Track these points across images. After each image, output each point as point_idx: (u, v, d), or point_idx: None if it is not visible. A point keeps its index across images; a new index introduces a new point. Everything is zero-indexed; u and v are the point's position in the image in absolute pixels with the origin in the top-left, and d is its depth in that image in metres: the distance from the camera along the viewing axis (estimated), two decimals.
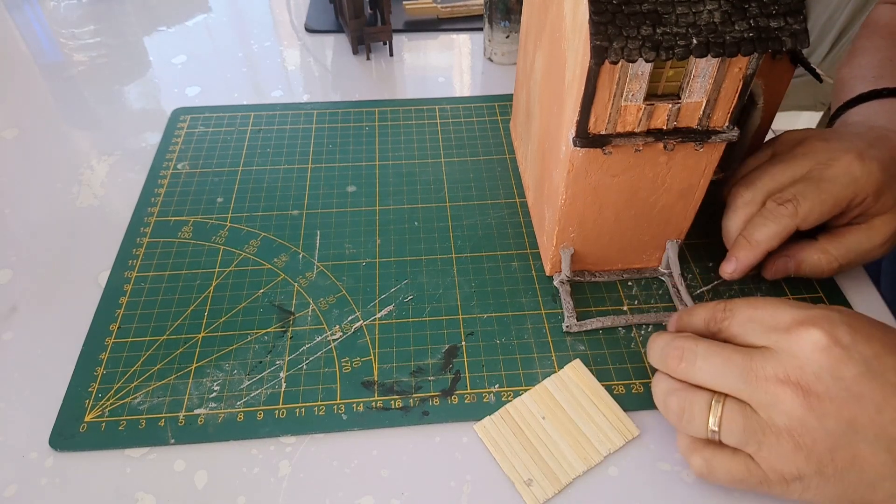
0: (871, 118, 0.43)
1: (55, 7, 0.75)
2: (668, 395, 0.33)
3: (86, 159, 0.55)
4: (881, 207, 0.38)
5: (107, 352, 0.40)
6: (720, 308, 0.34)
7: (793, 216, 0.37)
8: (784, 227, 0.37)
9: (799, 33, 0.30)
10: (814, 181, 0.37)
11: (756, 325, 0.32)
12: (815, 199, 0.37)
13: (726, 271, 0.40)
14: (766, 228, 0.38)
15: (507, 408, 0.38)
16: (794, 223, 0.37)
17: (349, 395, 0.38)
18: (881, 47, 0.50)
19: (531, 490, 0.34)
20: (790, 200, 0.37)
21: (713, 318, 0.34)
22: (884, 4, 0.55)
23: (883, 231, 0.39)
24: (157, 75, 0.65)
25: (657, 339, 0.35)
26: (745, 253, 0.39)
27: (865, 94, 0.45)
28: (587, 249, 0.42)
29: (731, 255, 0.40)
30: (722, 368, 0.31)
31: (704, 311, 0.35)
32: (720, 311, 0.34)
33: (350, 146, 0.56)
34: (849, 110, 0.46)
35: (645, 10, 0.30)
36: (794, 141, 0.41)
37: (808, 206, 0.37)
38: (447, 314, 0.43)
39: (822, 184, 0.37)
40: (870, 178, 0.37)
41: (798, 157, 0.39)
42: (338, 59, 0.68)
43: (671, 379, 0.33)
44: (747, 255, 0.39)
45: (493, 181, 0.52)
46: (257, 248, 0.47)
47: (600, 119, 0.34)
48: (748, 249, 0.39)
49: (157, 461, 0.36)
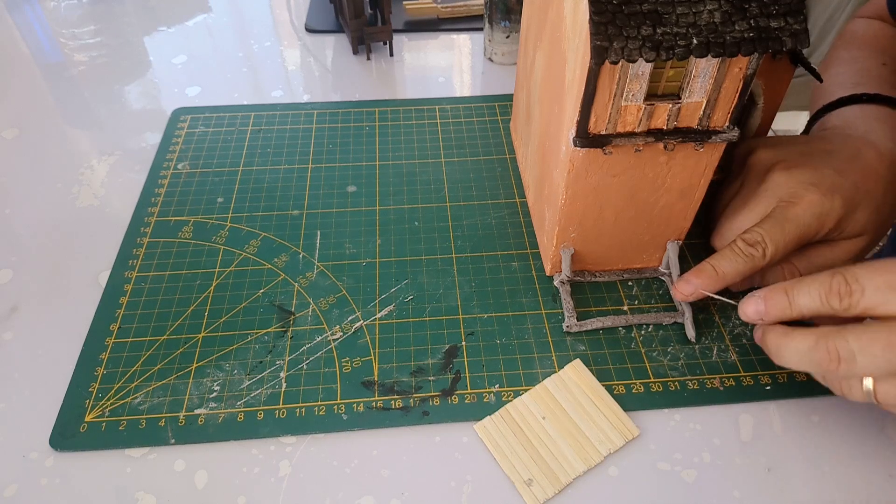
0: (851, 123, 0.43)
1: (55, 7, 0.75)
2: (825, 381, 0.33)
3: (86, 159, 0.55)
4: (847, 234, 0.40)
5: (107, 352, 0.40)
6: (838, 281, 0.31)
7: (761, 258, 0.38)
8: (751, 267, 0.38)
9: (799, 33, 0.30)
10: (779, 221, 0.38)
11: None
12: (780, 241, 0.38)
13: (683, 292, 0.40)
14: (734, 264, 0.38)
15: (507, 408, 0.38)
16: (762, 264, 0.38)
17: (349, 395, 0.38)
18: (858, 58, 0.50)
19: (531, 490, 0.34)
20: (759, 243, 0.38)
21: (832, 293, 0.31)
22: (859, 18, 0.57)
23: (847, 250, 0.40)
24: (157, 75, 0.65)
25: (793, 343, 0.33)
26: (709, 282, 0.39)
27: (846, 98, 0.46)
28: (587, 249, 0.42)
29: (692, 279, 0.39)
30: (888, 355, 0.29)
31: (815, 287, 0.32)
32: (840, 284, 0.31)
33: (350, 146, 0.56)
34: (828, 114, 0.46)
35: (645, 10, 0.30)
36: (760, 171, 0.41)
37: (774, 248, 0.38)
38: (447, 314, 0.43)
39: (787, 224, 0.38)
40: (832, 213, 0.38)
41: (761, 195, 0.40)
42: (338, 59, 0.68)
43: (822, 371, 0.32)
44: (710, 283, 0.39)
45: (493, 181, 0.52)
46: (257, 248, 0.47)
47: (600, 119, 0.34)
48: (713, 279, 0.39)
49: (158, 461, 0.36)
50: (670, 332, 0.41)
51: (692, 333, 0.40)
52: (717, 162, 0.37)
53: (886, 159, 0.40)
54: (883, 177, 0.40)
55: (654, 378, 0.39)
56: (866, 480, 0.35)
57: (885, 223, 0.41)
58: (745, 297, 0.36)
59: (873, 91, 0.45)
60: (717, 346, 0.41)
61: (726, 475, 0.35)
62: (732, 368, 0.39)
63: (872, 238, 0.40)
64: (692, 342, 0.41)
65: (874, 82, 0.47)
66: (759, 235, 0.38)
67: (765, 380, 0.39)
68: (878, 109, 0.44)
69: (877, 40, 0.52)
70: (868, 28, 0.54)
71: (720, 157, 0.37)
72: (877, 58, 0.50)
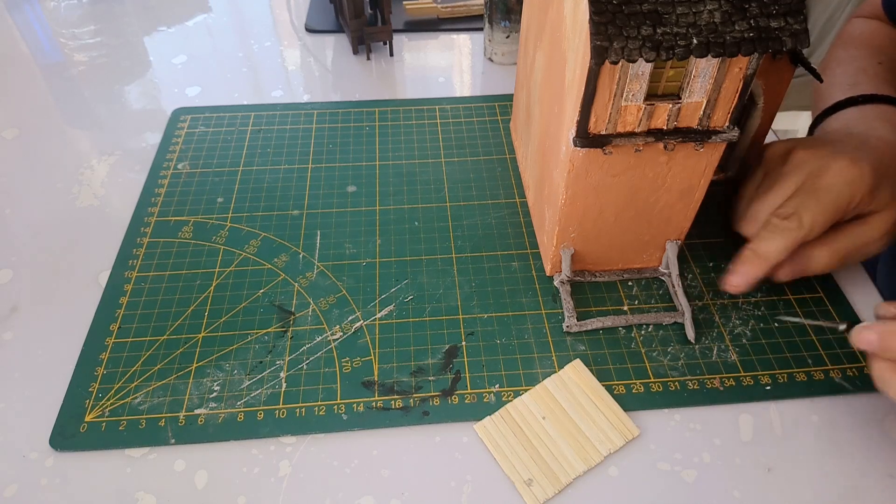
0: (850, 125, 0.44)
1: (55, 7, 0.75)
2: None
3: (86, 159, 0.55)
4: (877, 205, 0.39)
5: (107, 352, 0.40)
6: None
7: (799, 228, 0.37)
8: (792, 239, 0.38)
9: (799, 33, 0.30)
10: (811, 192, 0.38)
11: None
12: (816, 210, 0.37)
13: (732, 284, 0.40)
14: (773, 242, 0.38)
15: (507, 408, 0.38)
16: (801, 234, 0.37)
17: (349, 395, 0.38)
18: (856, 57, 0.51)
19: (531, 490, 0.34)
20: (794, 214, 0.37)
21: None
22: (857, 18, 0.57)
23: (880, 226, 0.40)
24: (157, 75, 0.65)
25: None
26: (753, 267, 0.39)
27: (843, 101, 0.46)
28: (587, 249, 0.42)
29: (737, 269, 0.39)
30: None
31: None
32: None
33: (350, 146, 0.56)
34: (827, 118, 0.46)
35: (645, 10, 0.30)
36: (779, 156, 0.41)
37: (811, 217, 0.37)
38: (447, 314, 0.43)
39: (820, 193, 0.37)
40: (864, 179, 0.37)
41: (787, 174, 0.40)
42: (338, 59, 0.68)
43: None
44: (755, 269, 0.39)
45: (493, 181, 0.52)
46: (257, 248, 0.47)
47: (600, 119, 0.34)
48: (756, 264, 0.38)
49: (158, 461, 0.36)
50: (670, 332, 0.41)
51: (692, 334, 0.40)
52: (717, 162, 0.37)
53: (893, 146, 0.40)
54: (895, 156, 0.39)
55: (654, 378, 0.39)
56: (866, 480, 0.35)
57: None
58: (858, 327, 0.34)
59: (870, 90, 0.46)
60: (717, 346, 0.41)
61: (726, 475, 0.35)
62: (732, 368, 0.39)
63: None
64: (692, 342, 0.41)
65: (871, 81, 0.47)
66: (791, 208, 0.37)
67: (765, 380, 0.39)
68: (876, 108, 0.44)
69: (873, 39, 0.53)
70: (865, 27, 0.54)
71: (720, 157, 0.37)
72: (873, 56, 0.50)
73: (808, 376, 0.39)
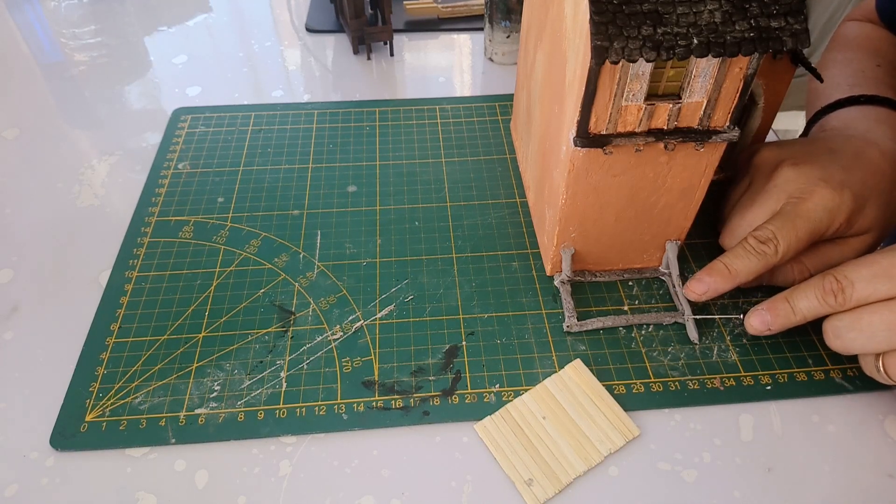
0: (851, 124, 0.44)
1: (55, 7, 0.75)
2: None
3: (86, 159, 0.55)
4: (856, 230, 0.40)
5: (107, 351, 0.40)
6: (830, 280, 0.34)
7: (774, 255, 0.38)
8: (765, 264, 0.38)
9: (800, 33, 0.30)
10: (790, 218, 0.38)
11: (883, 279, 0.32)
12: (792, 237, 0.38)
13: (696, 292, 0.40)
14: (746, 263, 0.38)
15: (507, 408, 0.38)
16: (775, 261, 0.38)
17: (350, 395, 0.38)
18: (852, 59, 0.51)
19: (531, 490, 0.34)
20: (771, 240, 0.38)
21: (827, 293, 0.34)
22: (850, 21, 0.57)
23: (856, 247, 0.40)
24: (157, 75, 0.65)
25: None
26: (722, 280, 0.39)
27: (844, 99, 0.46)
28: (588, 249, 0.42)
29: (704, 277, 0.39)
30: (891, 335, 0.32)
31: (811, 290, 0.35)
32: (832, 283, 0.34)
33: (350, 146, 0.56)
34: (827, 115, 0.46)
35: (645, 9, 0.30)
36: (767, 168, 0.41)
37: (786, 245, 0.38)
38: (448, 314, 0.43)
39: (798, 220, 0.38)
40: (843, 208, 0.38)
41: (770, 192, 0.40)
42: (338, 59, 0.68)
43: None
44: (723, 283, 0.39)
45: (493, 181, 0.52)
46: (258, 247, 0.47)
47: (601, 119, 0.34)
48: (725, 278, 0.39)
49: (158, 461, 0.36)
50: (670, 332, 0.41)
51: (694, 334, 0.40)
52: (717, 162, 0.37)
53: (889, 157, 0.40)
54: (887, 174, 0.40)
55: (655, 378, 0.39)
56: (866, 480, 0.35)
57: (892, 219, 0.41)
58: (749, 312, 0.38)
59: (870, 92, 0.45)
60: (717, 346, 0.41)
61: (726, 475, 0.35)
62: (733, 368, 0.39)
63: (879, 235, 0.40)
64: (692, 342, 0.41)
65: (870, 83, 0.47)
66: (770, 232, 0.38)
67: (765, 380, 0.39)
68: (877, 110, 0.44)
69: (869, 42, 0.53)
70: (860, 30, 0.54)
71: (720, 156, 0.37)
72: (871, 59, 0.50)
73: (809, 376, 0.39)
